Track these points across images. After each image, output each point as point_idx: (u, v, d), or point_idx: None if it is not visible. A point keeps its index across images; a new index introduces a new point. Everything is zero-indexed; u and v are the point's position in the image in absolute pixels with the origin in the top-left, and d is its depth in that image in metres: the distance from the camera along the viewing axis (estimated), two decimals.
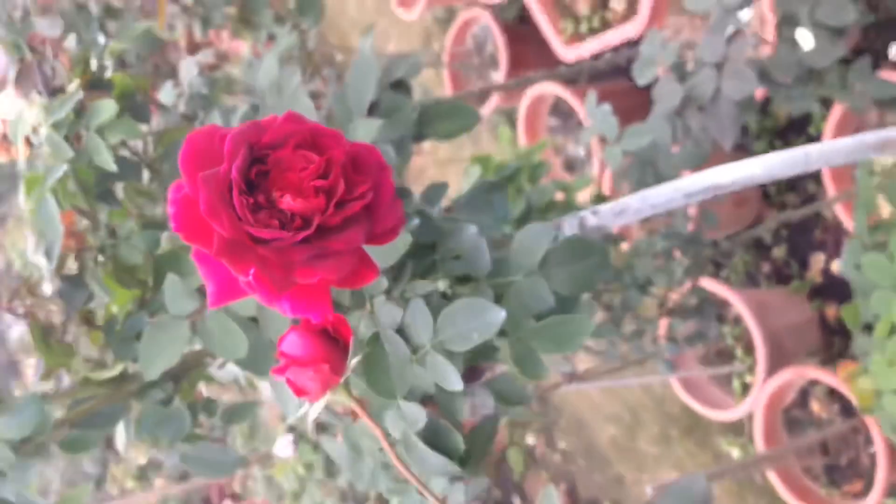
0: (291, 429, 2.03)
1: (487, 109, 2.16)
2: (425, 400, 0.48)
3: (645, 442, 2.08)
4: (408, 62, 0.66)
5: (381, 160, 0.39)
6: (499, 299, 0.48)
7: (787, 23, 0.87)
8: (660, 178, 1.15)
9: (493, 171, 1.31)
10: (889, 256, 0.78)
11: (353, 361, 0.41)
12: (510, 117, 2.31)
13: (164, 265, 0.52)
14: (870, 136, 0.86)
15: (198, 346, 0.57)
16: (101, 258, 0.54)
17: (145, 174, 0.61)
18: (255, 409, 0.59)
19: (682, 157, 1.10)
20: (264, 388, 0.93)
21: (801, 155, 0.80)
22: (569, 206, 1.32)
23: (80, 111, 0.52)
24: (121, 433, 0.60)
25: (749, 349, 1.65)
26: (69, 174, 0.53)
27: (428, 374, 0.43)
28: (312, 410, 0.42)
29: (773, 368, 1.56)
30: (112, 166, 0.51)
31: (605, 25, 1.84)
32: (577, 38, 1.88)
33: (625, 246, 1.28)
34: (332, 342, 0.41)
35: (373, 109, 0.54)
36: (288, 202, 0.36)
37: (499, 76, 2.19)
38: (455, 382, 0.42)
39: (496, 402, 0.50)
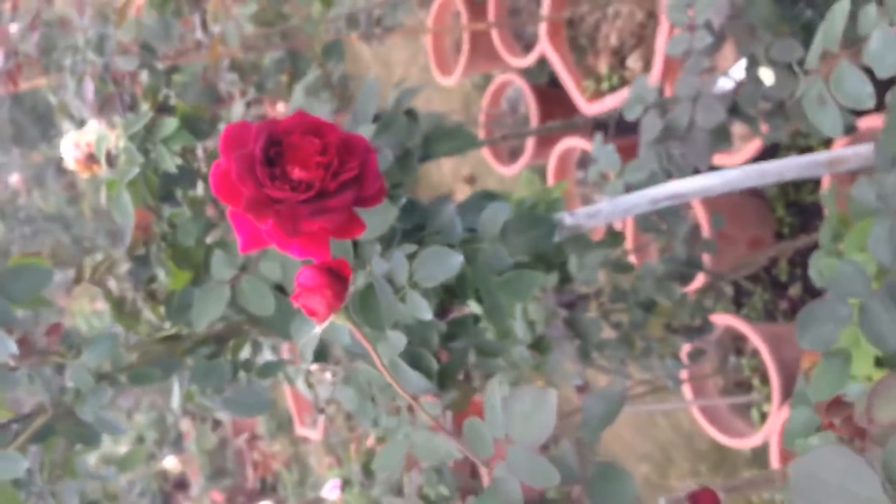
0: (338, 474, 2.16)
1: (519, 166, 2.31)
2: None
3: (676, 478, 2.14)
4: (411, 93, 0.81)
5: (368, 146, 0.54)
6: (470, 262, 0.61)
7: (751, 62, 1.00)
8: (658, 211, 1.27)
9: (514, 204, 1.45)
10: (841, 259, 0.89)
11: (352, 290, 0.55)
12: (541, 173, 2.45)
13: (211, 248, 0.67)
14: (821, 155, 0.98)
15: (237, 317, 0.71)
16: (162, 245, 0.69)
17: (200, 185, 0.76)
18: (283, 365, 0.72)
19: None
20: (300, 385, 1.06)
21: (756, 170, 0.93)
22: (583, 240, 1.44)
23: (149, 128, 0.67)
24: (175, 393, 0.74)
25: (765, 380, 1.73)
26: (139, 178, 0.68)
27: (407, 309, 0.56)
28: (318, 329, 0.55)
29: (786, 397, 1.64)
30: (173, 168, 0.66)
31: (623, 83, 1.99)
32: (598, 95, 2.03)
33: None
34: (336, 277, 0.54)
35: (375, 122, 0.69)
36: (297, 172, 0.51)
37: (530, 141, 2.34)
38: (425, 313, 0.55)
39: (477, 355, 0.63)
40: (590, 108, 2.01)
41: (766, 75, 0.98)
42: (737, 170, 0.90)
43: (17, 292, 0.59)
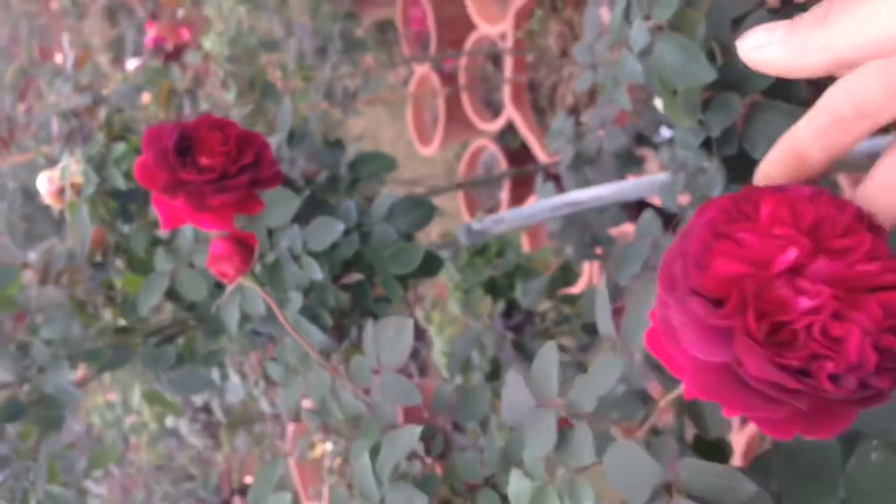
0: None
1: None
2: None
3: None
4: (338, 124, 0.94)
5: (264, 140, 0.66)
6: (364, 240, 0.73)
7: (649, 94, 1.13)
8: (594, 238, 1.39)
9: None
10: None
11: (257, 256, 0.66)
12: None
13: (154, 251, 0.79)
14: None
15: (182, 314, 0.83)
16: (117, 253, 0.82)
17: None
18: (222, 354, 0.83)
19: (608, 217, 1.35)
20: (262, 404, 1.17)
21: (647, 182, 1.05)
22: (531, 272, 1.55)
23: (104, 154, 0.80)
24: (137, 390, 0.85)
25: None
26: (97, 198, 0.81)
27: (304, 273, 0.68)
28: (231, 290, 0.67)
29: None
30: (122, 185, 0.79)
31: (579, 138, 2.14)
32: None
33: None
34: (243, 246, 0.67)
35: (291, 137, 0.82)
36: (203, 160, 0.64)
37: (504, 194, 2.49)
38: (317, 273, 0.67)
39: (361, 315, 0.75)
40: (548, 161, 2.15)
41: (659, 103, 1.11)
42: (628, 182, 1.02)
43: None
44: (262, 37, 2.10)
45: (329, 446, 2.94)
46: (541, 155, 2.19)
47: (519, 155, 2.61)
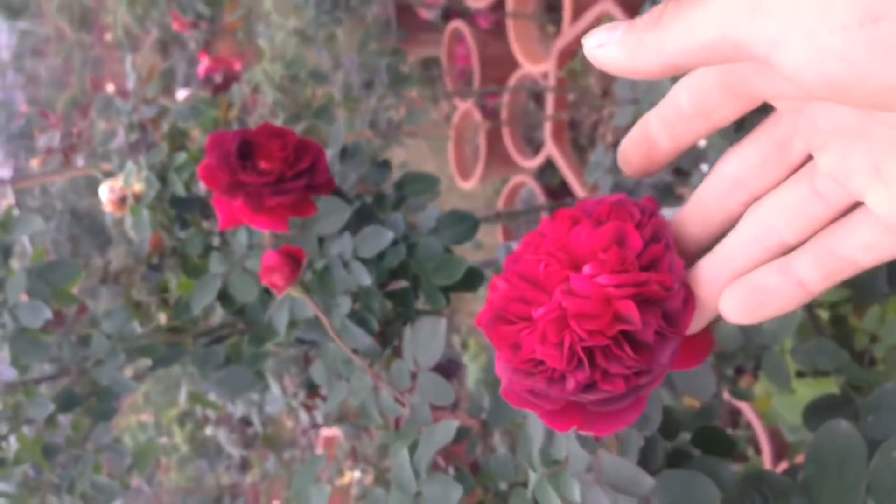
0: None
1: None
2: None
3: None
4: (388, 145, 0.98)
5: (321, 149, 0.70)
6: (411, 252, 0.77)
7: None
8: None
9: None
10: None
11: (305, 268, 0.70)
12: None
13: (208, 257, 0.83)
14: None
15: (232, 318, 0.87)
16: (173, 257, 0.86)
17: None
18: (268, 356, 0.87)
19: None
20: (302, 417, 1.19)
21: (670, 212, 1.07)
22: None
23: (165, 162, 0.85)
24: (183, 391, 0.88)
25: (758, 449, 1.80)
26: (157, 204, 0.86)
27: (352, 278, 0.71)
28: (281, 299, 0.70)
29: (776, 462, 1.70)
30: (182, 191, 0.84)
31: None
32: (597, 187, 2.20)
33: None
34: (292, 259, 0.70)
35: (343, 153, 0.85)
36: (262, 164, 0.67)
37: None
38: (365, 279, 0.70)
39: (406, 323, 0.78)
40: (585, 196, 2.18)
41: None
42: (666, 211, 1.03)
43: (53, 278, 0.76)
44: (311, 70, 2.17)
45: (357, 474, 2.94)
46: (579, 192, 2.22)
47: (557, 192, 2.64)
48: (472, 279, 0.79)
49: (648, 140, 0.35)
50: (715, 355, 0.62)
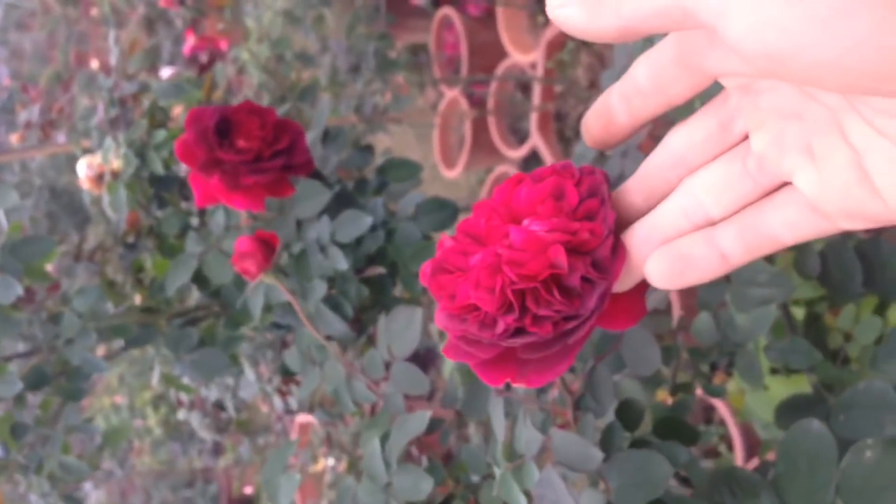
0: None
1: None
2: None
3: None
4: (371, 129, 0.97)
5: (300, 129, 0.69)
6: (389, 238, 0.76)
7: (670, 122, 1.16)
8: None
9: None
10: None
11: (278, 254, 0.69)
12: None
13: (185, 237, 0.82)
14: None
15: (205, 301, 0.86)
16: (149, 236, 0.85)
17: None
18: (242, 339, 0.86)
19: None
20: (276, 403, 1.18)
21: None
22: None
23: (144, 139, 0.84)
24: (156, 371, 0.87)
25: (731, 446, 1.81)
26: (135, 181, 0.84)
27: (329, 263, 0.70)
28: (254, 285, 0.69)
29: (748, 458, 1.72)
30: (160, 170, 0.82)
31: None
32: None
33: None
34: (266, 244, 0.69)
35: (325, 136, 0.85)
36: (240, 142, 0.66)
37: None
38: (342, 263, 0.69)
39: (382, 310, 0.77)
40: None
41: None
42: None
43: (26, 254, 0.74)
44: (298, 52, 2.15)
45: (331, 462, 2.94)
46: None
47: None
48: None
49: (609, 113, 0.36)
50: (689, 351, 0.62)
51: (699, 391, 0.69)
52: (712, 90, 0.34)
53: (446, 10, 2.75)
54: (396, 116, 2.13)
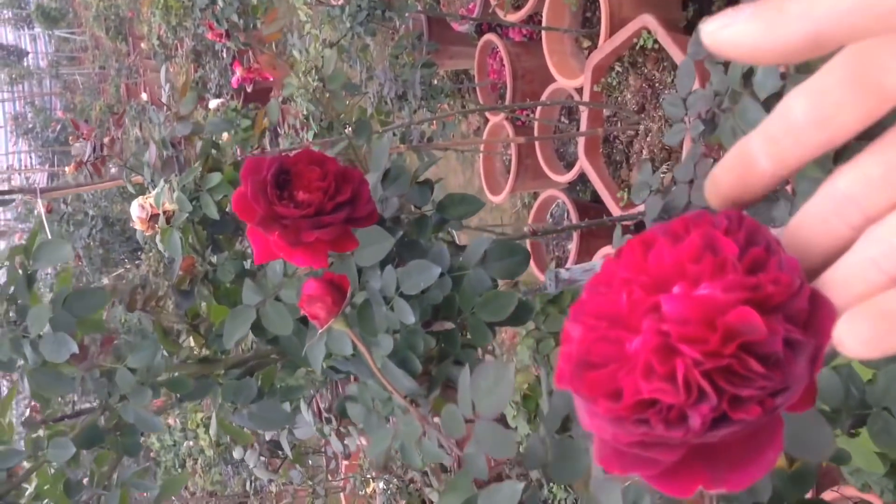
0: None
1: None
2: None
3: None
4: (425, 166, 0.94)
5: (362, 177, 0.66)
6: (456, 286, 0.72)
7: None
8: None
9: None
10: None
11: (349, 299, 0.65)
12: None
13: (241, 282, 0.79)
14: None
15: (265, 347, 0.82)
16: (205, 282, 0.82)
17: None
18: (302, 390, 0.82)
19: None
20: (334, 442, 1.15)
21: None
22: None
23: (198, 182, 0.81)
24: (213, 422, 0.84)
25: None
26: (188, 225, 0.82)
27: (396, 316, 0.66)
28: (321, 332, 0.66)
29: None
30: (215, 214, 0.79)
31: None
32: (631, 204, 2.15)
33: None
34: (335, 287, 0.65)
35: (386, 175, 0.81)
36: (300, 195, 0.63)
37: (573, 244, 2.46)
38: (409, 317, 0.65)
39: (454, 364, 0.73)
40: (622, 213, 2.12)
41: None
42: None
43: (79, 309, 0.72)
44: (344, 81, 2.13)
45: (381, 485, 2.90)
46: (614, 208, 2.16)
47: (587, 207, 2.59)
48: (520, 314, 0.74)
49: (745, 163, 0.30)
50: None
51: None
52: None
53: (490, 36, 2.73)
54: (443, 144, 2.09)
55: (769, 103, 0.56)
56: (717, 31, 0.27)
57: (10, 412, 0.75)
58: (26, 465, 0.75)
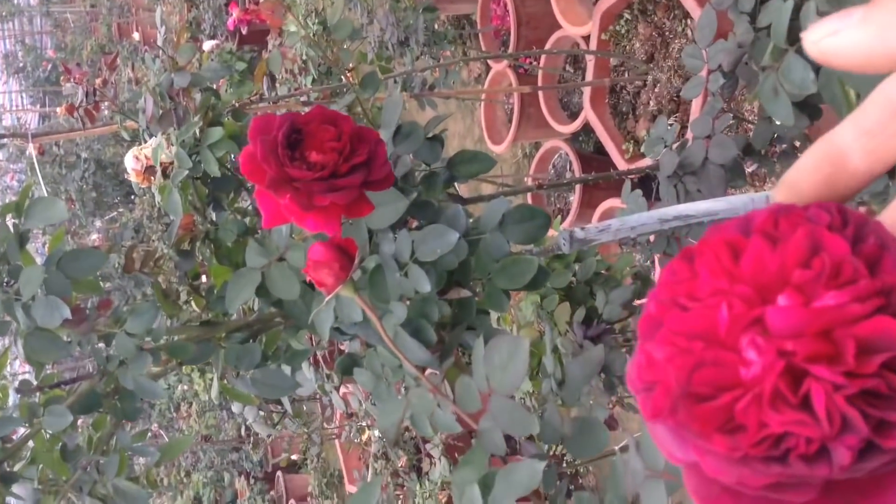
0: None
1: (566, 224, 2.38)
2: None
3: None
4: (437, 121, 0.89)
5: (378, 137, 0.62)
6: (473, 251, 0.68)
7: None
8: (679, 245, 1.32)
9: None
10: None
11: (357, 264, 0.62)
12: None
13: (244, 242, 0.75)
14: None
15: (270, 310, 0.79)
16: (206, 242, 0.78)
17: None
18: (308, 353, 0.79)
19: (702, 230, 1.28)
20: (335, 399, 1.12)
21: (761, 196, 0.98)
22: (612, 280, 1.49)
23: (198, 137, 0.77)
24: (215, 385, 0.81)
25: None
26: (189, 182, 0.77)
27: (409, 283, 0.63)
28: (328, 299, 0.62)
29: None
30: (216, 171, 0.75)
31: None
32: (637, 157, 2.10)
33: None
34: (343, 252, 0.62)
35: (398, 131, 0.77)
36: (313, 156, 0.59)
37: (575, 198, 2.42)
38: (425, 284, 0.61)
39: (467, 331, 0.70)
40: (629, 167, 2.08)
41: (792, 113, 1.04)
42: (743, 196, 0.94)
43: (74, 270, 0.68)
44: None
45: (377, 433, 2.91)
46: (619, 160, 2.12)
47: (591, 159, 2.54)
48: (538, 279, 0.70)
49: (834, 161, 0.27)
50: None
51: None
52: None
53: None
54: (445, 93, 2.04)
55: (818, 64, 0.52)
56: (823, 41, 0.25)
57: (4, 378, 0.72)
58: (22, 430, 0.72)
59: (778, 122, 1.09)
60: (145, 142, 0.83)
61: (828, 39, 0.24)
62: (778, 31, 0.56)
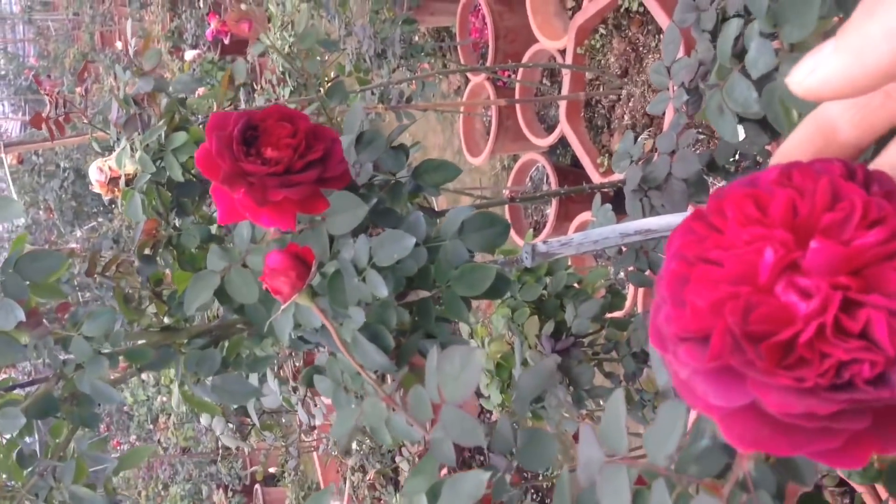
0: None
1: (541, 238, 2.39)
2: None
3: None
4: (400, 129, 0.90)
5: (335, 136, 0.62)
6: (432, 256, 0.68)
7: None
8: (650, 265, 1.33)
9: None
10: None
11: (315, 272, 0.62)
12: None
13: (207, 248, 0.75)
14: None
15: (231, 317, 0.79)
16: (169, 247, 0.78)
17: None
18: (270, 359, 0.79)
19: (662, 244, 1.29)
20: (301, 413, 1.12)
21: None
22: (582, 294, 1.49)
23: (162, 142, 0.77)
24: (176, 392, 0.81)
25: None
26: (152, 187, 0.77)
27: (367, 288, 0.63)
28: (285, 308, 0.62)
29: None
30: (179, 175, 0.75)
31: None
32: (611, 170, 2.12)
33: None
34: (300, 261, 0.62)
35: (360, 138, 0.77)
36: (269, 152, 0.59)
37: (552, 210, 2.43)
38: (382, 290, 0.62)
39: (425, 337, 0.70)
40: (602, 181, 2.09)
41: (739, 131, 1.05)
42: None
43: (31, 272, 0.67)
44: (321, 36, 2.07)
45: (353, 446, 2.90)
46: (594, 174, 2.13)
47: (567, 171, 2.55)
48: (498, 287, 0.71)
49: (825, 133, 0.29)
50: None
51: None
52: None
53: None
54: (423, 105, 2.05)
55: (761, 84, 0.53)
56: (805, 80, 0.25)
57: None
58: None
59: (739, 139, 1.10)
60: (115, 151, 0.83)
61: (809, 79, 0.25)
62: (723, 50, 0.57)
